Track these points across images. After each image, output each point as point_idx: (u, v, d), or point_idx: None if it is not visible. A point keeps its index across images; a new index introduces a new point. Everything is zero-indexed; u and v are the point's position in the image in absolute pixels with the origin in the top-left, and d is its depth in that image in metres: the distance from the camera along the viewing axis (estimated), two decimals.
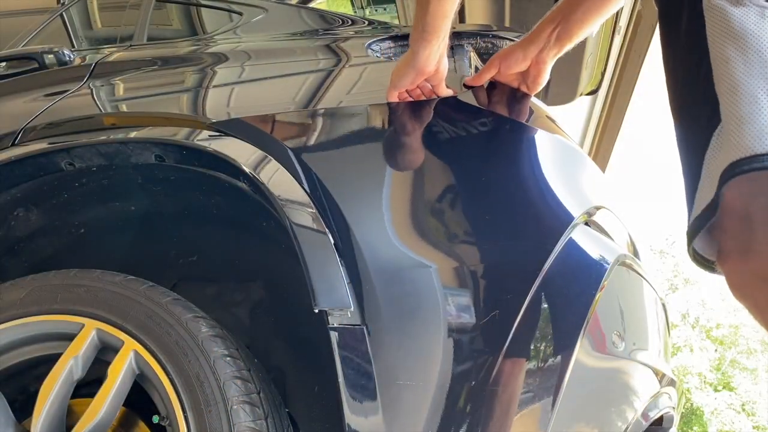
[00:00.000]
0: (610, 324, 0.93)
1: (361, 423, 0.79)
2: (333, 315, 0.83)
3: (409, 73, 0.95)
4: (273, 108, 1.07)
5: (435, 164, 0.98)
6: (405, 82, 0.97)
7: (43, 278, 1.00)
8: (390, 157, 0.98)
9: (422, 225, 0.91)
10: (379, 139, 1.01)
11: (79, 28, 1.96)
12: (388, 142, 1.00)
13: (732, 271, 0.58)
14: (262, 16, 1.59)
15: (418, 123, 1.01)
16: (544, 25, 0.97)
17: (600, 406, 0.94)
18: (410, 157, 0.99)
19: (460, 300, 0.85)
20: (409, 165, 0.98)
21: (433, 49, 0.91)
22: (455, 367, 0.81)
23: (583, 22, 0.95)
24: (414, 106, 1.01)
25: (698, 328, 18.53)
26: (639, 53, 3.82)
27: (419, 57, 0.92)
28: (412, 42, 0.92)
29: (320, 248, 0.86)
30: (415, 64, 0.93)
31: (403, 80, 0.97)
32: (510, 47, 1.02)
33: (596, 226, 1.01)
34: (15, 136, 1.14)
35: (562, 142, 1.05)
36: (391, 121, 1.02)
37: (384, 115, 1.02)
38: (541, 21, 0.98)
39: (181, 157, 1.07)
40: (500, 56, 1.02)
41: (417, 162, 0.98)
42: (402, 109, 1.01)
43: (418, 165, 0.98)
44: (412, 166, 0.98)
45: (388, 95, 1.00)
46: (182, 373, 0.87)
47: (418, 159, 0.98)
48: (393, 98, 1.00)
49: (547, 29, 0.97)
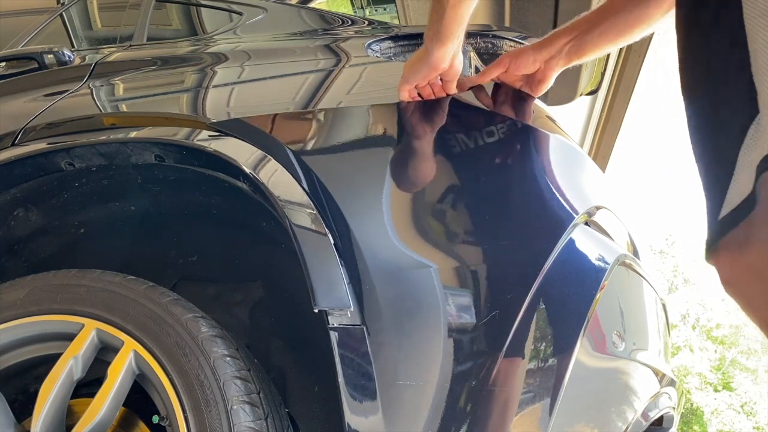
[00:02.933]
0: (610, 324, 0.93)
1: (361, 423, 0.79)
2: (333, 315, 0.83)
3: (423, 68, 0.95)
4: (273, 108, 1.07)
5: (435, 164, 0.98)
6: (418, 76, 0.97)
7: (43, 278, 1.00)
8: (390, 157, 0.98)
9: (422, 225, 0.91)
10: (379, 139, 1.01)
11: (79, 28, 1.96)
12: (388, 143, 1.00)
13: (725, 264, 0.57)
14: (262, 16, 1.59)
15: (418, 123, 1.01)
16: (560, 35, 0.98)
17: (600, 406, 0.94)
18: (410, 157, 0.99)
19: (460, 300, 0.85)
20: (409, 165, 0.98)
21: (447, 49, 0.92)
22: (455, 367, 0.81)
23: (596, 44, 0.96)
24: (414, 106, 1.01)
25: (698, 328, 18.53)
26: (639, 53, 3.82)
27: (433, 55, 0.92)
28: (426, 41, 0.92)
29: (320, 248, 0.86)
30: (429, 61, 0.94)
31: (417, 75, 0.97)
32: (522, 48, 1.02)
33: (596, 226, 1.01)
34: (15, 136, 1.14)
35: (563, 142, 1.05)
36: (391, 122, 1.02)
37: (384, 115, 1.02)
38: (558, 30, 0.98)
39: (181, 157, 1.07)
40: (511, 55, 1.02)
41: (417, 162, 0.98)
42: (402, 109, 1.01)
43: (418, 165, 0.98)
44: (412, 166, 0.98)
45: (400, 89, 1.00)
46: (182, 373, 0.87)
47: (418, 159, 0.98)
48: (404, 93, 1.00)
49: (563, 39, 0.97)
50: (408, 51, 1.26)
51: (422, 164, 0.98)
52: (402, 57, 1.26)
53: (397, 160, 0.99)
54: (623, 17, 0.92)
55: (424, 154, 0.99)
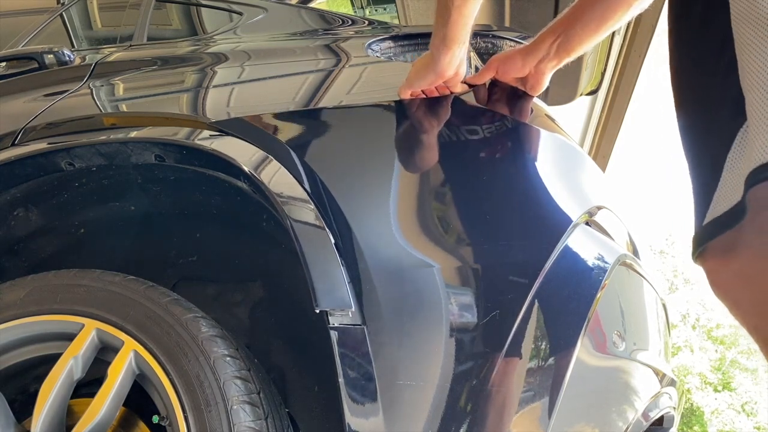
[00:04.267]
0: (610, 324, 0.93)
1: (361, 423, 0.79)
2: (333, 315, 0.83)
3: (429, 76, 0.95)
4: (273, 108, 1.07)
5: (435, 164, 0.98)
6: (423, 83, 0.97)
7: (43, 278, 1.00)
8: (390, 156, 0.98)
9: (423, 225, 0.91)
10: (380, 138, 1.01)
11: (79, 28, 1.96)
12: (388, 142, 1.00)
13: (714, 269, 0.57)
14: (262, 16, 1.59)
15: (418, 123, 1.01)
16: (545, 36, 0.97)
17: (600, 406, 0.94)
18: (410, 157, 0.99)
19: (460, 300, 0.85)
20: (410, 164, 0.98)
21: (454, 54, 0.91)
22: (456, 367, 0.81)
23: (581, 38, 0.95)
24: (414, 105, 1.01)
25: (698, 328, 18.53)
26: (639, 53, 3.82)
27: (440, 62, 0.92)
28: (432, 48, 0.92)
29: (321, 248, 0.86)
30: (436, 68, 0.93)
31: (422, 82, 0.97)
32: (510, 52, 1.01)
33: (597, 226, 1.01)
34: (15, 136, 1.14)
35: (563, 142, 1.05)
36: (391, 121, 1.02)
37: (384, 115, 1.02)
38: (543, 31, 0.98)
39: (181, 157, 1.07)
40: (500, 59, 1.01)
41: (417, 161, 0.98)
42: (402, 109, 1.01)
43: (419, 164, 0.98)
44: (413, 165, 0.98)
45: (402, 93, 1.00)
46: (182, 373, 0.87)
47: (419, 159, 0.98)
48: (406, 96, 1.00)
49: (548, 40, 0.96)
50: (408, 51, 1.26)
51: (422, 164, 0.98)
52: (402, 57, 1.26)
53: (398, 159, 0.99)
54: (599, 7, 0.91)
55: (424, 153, 0.99)
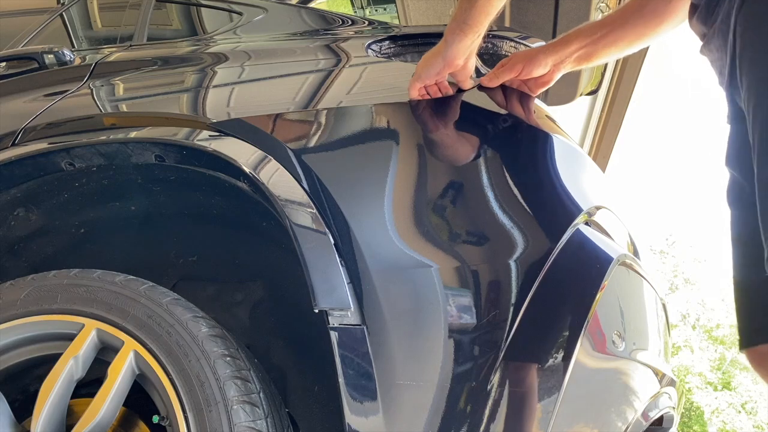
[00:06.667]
0: (610, 324, 0.93)
1: (362, 423, 0.79)
2: (333, 315, 0.83)
3: (438, 63, 0.95)
4: (273, 108, 1.07)
5: (435, 164, 0.98)
6: (431, 72, 0.97)
7: (43, 278, 1.00)
8: (389, 156, 0.98)
9: (422, 225, 0.91)
10: (379, 138, 1.01)
11: (79, 28, 1.96)
12: (388, 142, 1.00)
13: None
14: (262, 16, 1.59)
15: (418, 123, 1.01)
16: (572, 40, 0.98)
17: (600, 406, 0.94)
18: (410, 157, 0.99)
19: (460, 300, 0.85)
20: (409, 164, 0.98)
21: (467, 43, 0.92)
22: (455, 367, 0.81)
23: (609, 52, 0.97)
24: (413, 105, 1.01)
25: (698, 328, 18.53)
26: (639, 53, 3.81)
27: (451, 48, 0.93)
28: (447, 33, 0.93)
29: (320, 248, 0.86)
30: (446, 55, 0.94)
31: (430, 70, 0.97)
32: (534, 51, 1.02)
33: (597, 226, 1.01)
34: (15, 136, 1.14)
35: (563, 142, 1.05)
36: (391, 121, 1.02)
37: (384, 115, 1.02)
38: (571, 34, 0.99)
39: (181, 157, 1.07)
40: (524, 59, 1.01)
41: (416, 161, 0.98)
42: (402, 109, 1.01)
43: (418, 164, 0.98)
44: (412, 165, 0.98)
45: (411, 87, 1.00)
46: (182, 373, 0.87)
47: (418, 159, 0.98)
48: (414, 92, 1.00)
49: (574, 44, 0.98)
50: (408, 51, 1.26)
51: (422, 164, 0.98)
52: (402, 57, 1.26)
53: (397, 159, 0.99)
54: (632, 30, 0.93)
55: (424, 153, 0.99)
